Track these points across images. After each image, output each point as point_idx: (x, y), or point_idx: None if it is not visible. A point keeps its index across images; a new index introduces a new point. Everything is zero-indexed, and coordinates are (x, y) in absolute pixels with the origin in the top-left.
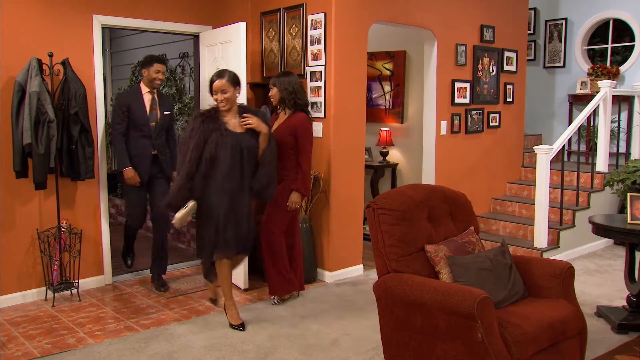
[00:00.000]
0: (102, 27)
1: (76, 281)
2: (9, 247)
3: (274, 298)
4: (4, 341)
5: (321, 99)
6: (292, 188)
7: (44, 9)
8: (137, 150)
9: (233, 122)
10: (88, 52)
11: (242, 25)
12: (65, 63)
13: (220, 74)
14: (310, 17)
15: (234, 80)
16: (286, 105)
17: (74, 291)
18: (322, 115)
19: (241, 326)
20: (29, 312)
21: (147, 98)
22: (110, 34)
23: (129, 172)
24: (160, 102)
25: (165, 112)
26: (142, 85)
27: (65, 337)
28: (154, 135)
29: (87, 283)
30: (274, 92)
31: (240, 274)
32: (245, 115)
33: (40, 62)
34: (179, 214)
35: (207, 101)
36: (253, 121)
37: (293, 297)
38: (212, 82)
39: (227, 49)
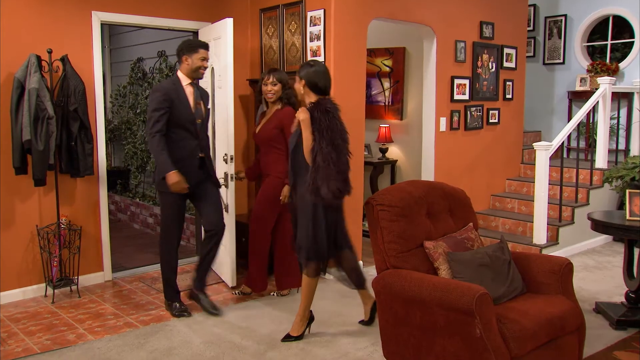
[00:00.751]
0: (101, 24)
1: (76, 278)
2: (9, 244)
3: (273, 293)
4: (4, 337)
5: None
6: (286, 182)
7: (43, 6)
8: (183, 152)
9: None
10: (87, 49)
11: (229, 21)
12: (64, 59)
13: None
14: (309, 14)
15: (298, 74)
16: (281, 100)
17: (74, 287)
18: None
19: (289, 337)
20: (29, 308)
21: (188, 91)
22: (110, 31)
23: (175, 177)
24: (200, 95)
25: (208, 107)
26: (180, 75)
27: (65, 333)
28: (200, 135)
29: (86, 279)
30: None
31: (227, 271)
32: None
33: (39, 59)
34: None
35: None
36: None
37: (292, 293)
38: None
39: (219, 45)
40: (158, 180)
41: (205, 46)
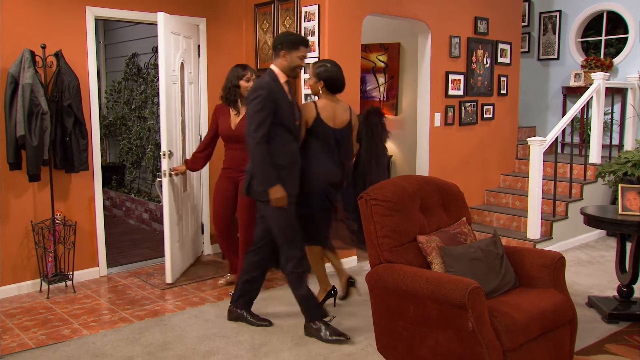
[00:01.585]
0: (96, 19)
1: (71, 273)
2: (4, 239)
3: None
4: None
5: None
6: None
7: (37, 1)
8: (289, 158)
9: None
10: (81, 44)
11: (160, 15)
12: (58, 55)
13: None
14: (304, 9)
15: (315, 76)
16: None
17: (69, 283)
18: None
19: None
20: (24, 303)
21: (286, 89)
22: (104, 26)
23: (280, 191)
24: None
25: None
26: (276, 71)
27: (60, 329)
28: (299, 138)
29: (81, 275)
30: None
31: (168, 267)
32: None
33: (33, 54)
34: None
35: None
36: None
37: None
38: None
39: (178, 42)
40: (260, 190)
41: (307, 43)
